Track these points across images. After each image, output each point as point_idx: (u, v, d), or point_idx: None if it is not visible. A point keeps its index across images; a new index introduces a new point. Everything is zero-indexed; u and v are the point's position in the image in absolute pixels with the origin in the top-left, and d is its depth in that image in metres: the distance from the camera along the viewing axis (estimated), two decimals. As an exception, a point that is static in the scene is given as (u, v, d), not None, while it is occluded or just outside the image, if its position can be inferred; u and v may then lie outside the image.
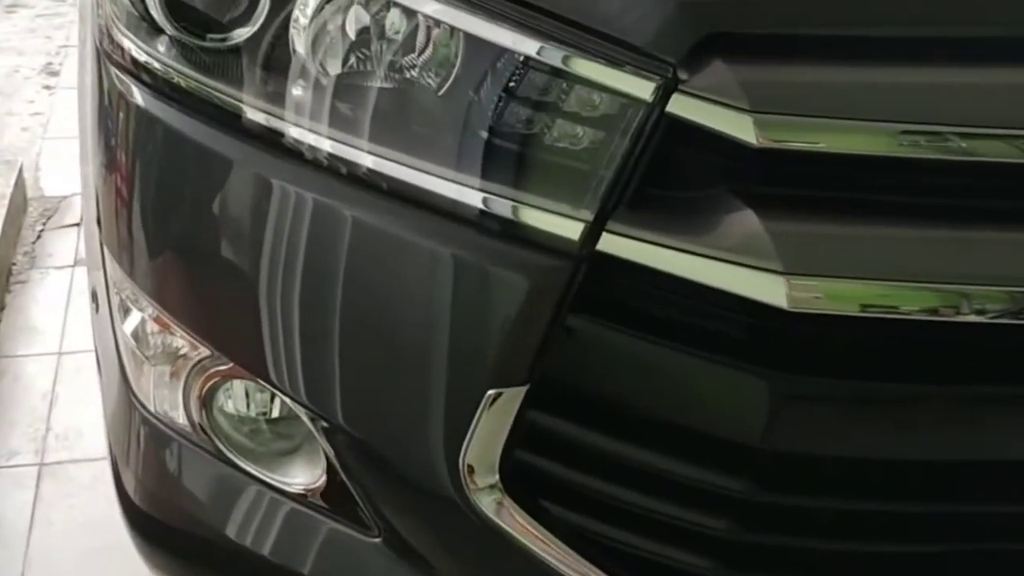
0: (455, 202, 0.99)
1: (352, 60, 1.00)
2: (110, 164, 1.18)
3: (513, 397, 1.02)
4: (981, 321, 0.94)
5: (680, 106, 0.93)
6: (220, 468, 1.23)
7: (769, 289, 0.93)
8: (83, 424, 2.28)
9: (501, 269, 1.00)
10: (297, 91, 1.01)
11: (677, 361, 1.00)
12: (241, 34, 1.03)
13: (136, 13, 1.10)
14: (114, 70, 1.14)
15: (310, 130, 1.03)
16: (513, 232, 0.99)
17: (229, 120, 1.04)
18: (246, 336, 1.12)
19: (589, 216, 0.96)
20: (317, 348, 1.09)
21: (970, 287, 0.94)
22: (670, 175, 0.97)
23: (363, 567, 1.17)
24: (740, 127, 0.91)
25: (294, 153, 1.03)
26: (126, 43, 1.10)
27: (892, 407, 1.03)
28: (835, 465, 1.03)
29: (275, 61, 1.02)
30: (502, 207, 0.99)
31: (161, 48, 1.08)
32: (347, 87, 1.01)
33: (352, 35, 1.00)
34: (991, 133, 0.91)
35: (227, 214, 1.09)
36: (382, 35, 0.99)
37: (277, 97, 1.02)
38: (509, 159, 0.98)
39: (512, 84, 0.96)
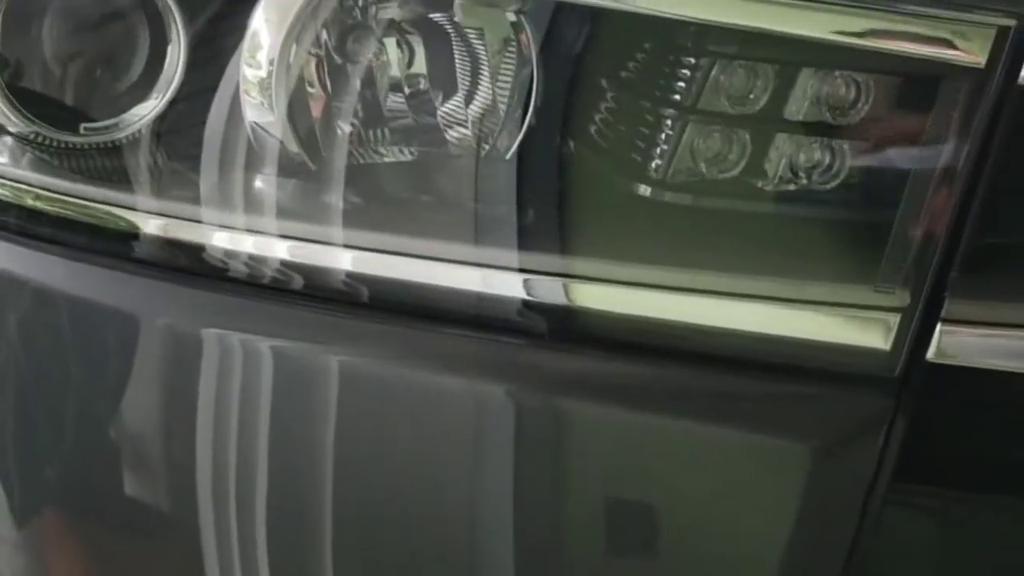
0: (599, 316, 0.59)
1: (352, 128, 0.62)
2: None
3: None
4: None
5: None
6: None
7: None
8: None
9: (740, 432, 0.57)
10: (260, 183, 0.66)
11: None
12: (140, 114, 0.68)
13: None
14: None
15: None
16: (735, 359, 0.57)
17: (129, 250, 0.69)
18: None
19: (905, 299, 0.52)
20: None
21: None
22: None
23: None
24: None
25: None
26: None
27: None
28: None
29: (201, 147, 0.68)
30: (701, 311, 0.57)
31: (1, 158, 0.73)
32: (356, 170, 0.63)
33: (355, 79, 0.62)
34: None
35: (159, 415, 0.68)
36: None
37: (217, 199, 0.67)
38: (700, 228, 0.58)
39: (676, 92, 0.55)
